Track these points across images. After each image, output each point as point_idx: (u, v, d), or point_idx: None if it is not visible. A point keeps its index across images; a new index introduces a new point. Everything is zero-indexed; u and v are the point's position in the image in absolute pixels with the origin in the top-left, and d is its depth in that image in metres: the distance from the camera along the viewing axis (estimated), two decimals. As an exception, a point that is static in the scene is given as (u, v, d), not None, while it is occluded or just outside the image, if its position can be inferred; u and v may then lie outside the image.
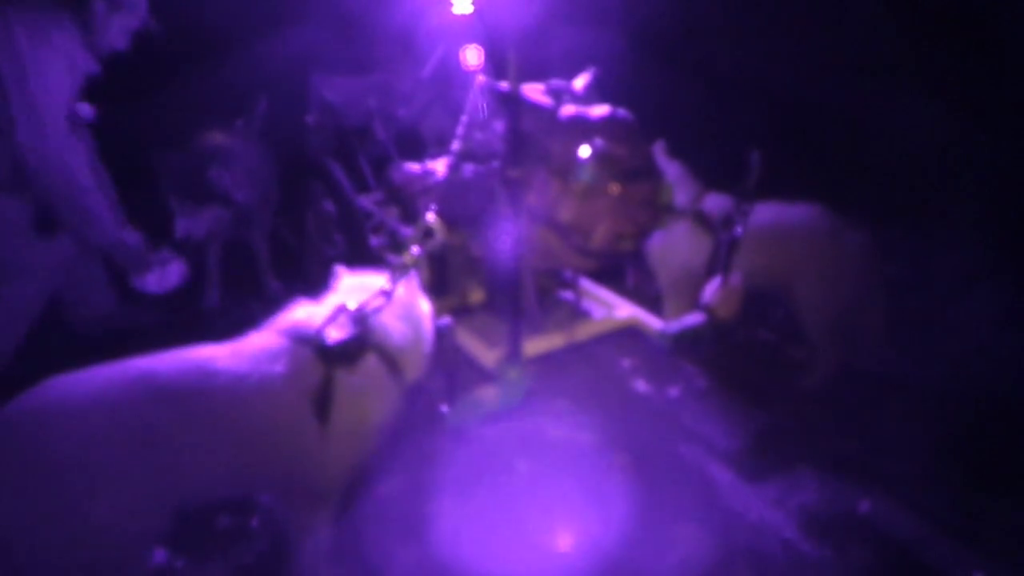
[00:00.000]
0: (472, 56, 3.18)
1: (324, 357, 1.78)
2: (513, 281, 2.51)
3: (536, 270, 2.90)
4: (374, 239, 3.31)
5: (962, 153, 3.86)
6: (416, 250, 2.17)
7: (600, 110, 2.65)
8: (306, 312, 1.90)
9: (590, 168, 2.49)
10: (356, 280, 2.08)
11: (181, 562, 2.10)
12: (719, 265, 2.54)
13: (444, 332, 2.30)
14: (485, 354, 2.76)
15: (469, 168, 2.80)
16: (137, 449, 1.46)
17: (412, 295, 2.10)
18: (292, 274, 3.84)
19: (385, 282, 2.01)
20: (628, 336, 3.14)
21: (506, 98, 2.48)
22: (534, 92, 2.71)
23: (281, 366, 1.70)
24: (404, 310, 2.02)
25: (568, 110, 2.67)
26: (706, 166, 3.12)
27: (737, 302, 2.51)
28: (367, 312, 1.90)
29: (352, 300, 1.92)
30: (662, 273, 3.16)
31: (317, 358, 1.77)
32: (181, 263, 3.03)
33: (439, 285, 3.16)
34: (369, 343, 1.87)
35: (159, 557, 2.06)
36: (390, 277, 2.02)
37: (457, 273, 3.24)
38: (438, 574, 2.06)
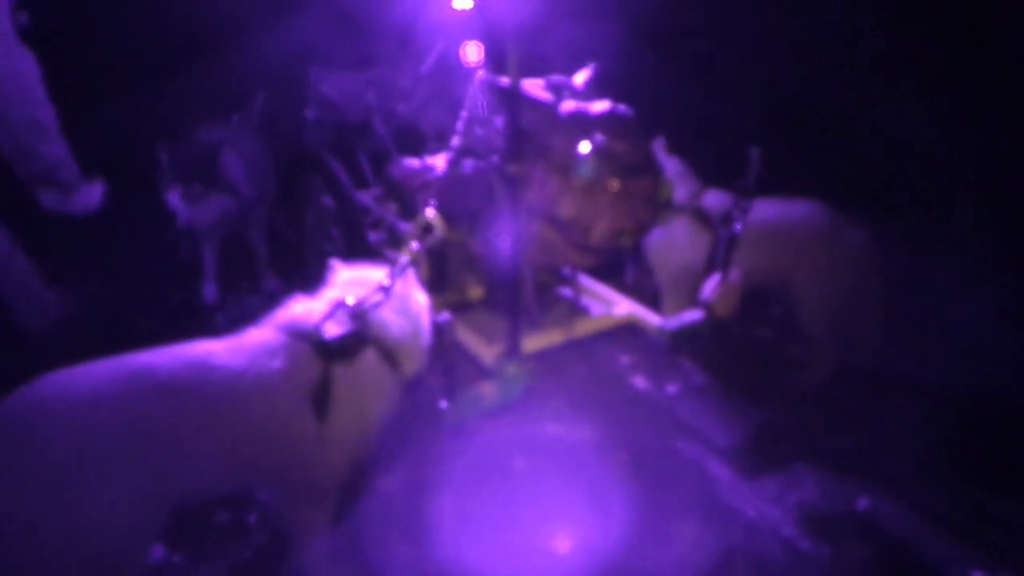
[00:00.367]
0: (472, 51, 3.16)
1: (322, 353, 1.77)
2: (512, 277, 2.50)
3: (535, 266, 2.89)
4: (373, 235, 3.30)
5: (962, 151, 3.86)
6: (415, 246, 2.16)
7: (600, 106, 2.64)
8: (304, 308, 1.90)
9: (590, 164, 2.48)
10: (352, 274, 2.08)
11: (179, 558, 2.10)
12: (718, 262, 2.54)
13: (443, 328, 2.29)
14: (484, 350, 2.75)
15: (469, 164, 2.79)
16: (134, 445, 1.45)
17: (409, 288, 2.09)
18: (291, 270, 3.84)
19: (383, 277, 2.00)
20: (627, 333, 3.13)
21: (506, 94, 2.47)
22: (534, 88, 2.70)
23: (279, 362, 1.70)
24: (401, 304, 2.02)
25: (568, 106, 2.65)
26: (706, 162, 3.12)
27: (736, 299, 2.51)
28: (366, 307, 1.90)
29: (350, 295, 1.91)
30: (661, 270, 3.16)
31: (315, 354, 1.77)
32: (104, 184, 2.98)
33: (438, 281, 3.15)
34: (367, 338, 1.87)
35: (156, 553, 2.06)
36: (389, 273, 2.02)
37: (456, 269, 3.23)
38: (438, 573, 2.06)
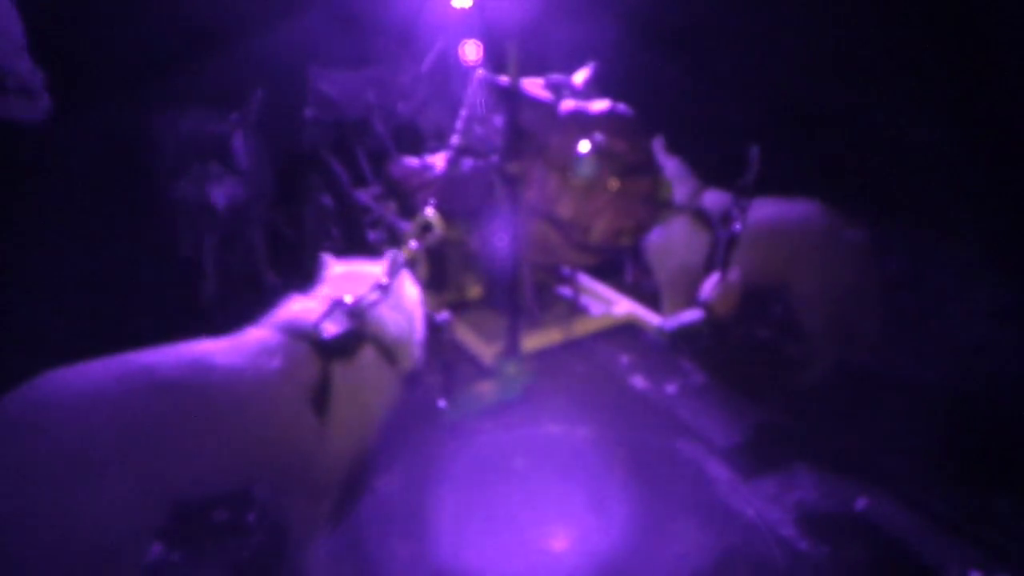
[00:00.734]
0: (471, 50, 3.16)
1: (321, 351, 1.77)
2: (511, 276, 2.50)
3: (534, 265, 2.90)
4: (372, 233, 3.30)
5: (960, 152, 3.86)
6: (414, 244, 2.16)
7: (600, 105, 2.64)
8: (303, 306, 1.89)
9: (589, 163, 2.48)
10: (345, 268, 2.08)
11: (177, 556, 2.10)
12: (717, 261, 2.55)
13: (442, 327, 2.29)
14: (483, 349, 2.75)
15: (468, 163, 2.79)
16: (134, 444, 1.45)
17: (401, 282, 2.09)
18: (290, 268, 3.84)
19: (380, 274, 2.00)
20: (626, 332, 3.14)
21: (505, 92, 2.47)
22: (533, 87, 2.70)
23: (278, 360, 1.70)
24: (395, 299, 2.02)
25: (568, 105, 2.65)
26: (705, 162, 3.12)
27: (735, 298, 2.51)
28: (363, 306, 1.90)
29: (348, 293, 1.91)
30: (660, 269, 3.16)
31: (314, 352, 1.77)
32: (49, 96, 2.95)
33: (437, 280, 3.15)
34: (365, 336, 1.87)
35: (155, 551, 2.06)
36: (386, 270, 2.02)
37: (455, 268, 3.23)
38: (437, 572, 2.06)
